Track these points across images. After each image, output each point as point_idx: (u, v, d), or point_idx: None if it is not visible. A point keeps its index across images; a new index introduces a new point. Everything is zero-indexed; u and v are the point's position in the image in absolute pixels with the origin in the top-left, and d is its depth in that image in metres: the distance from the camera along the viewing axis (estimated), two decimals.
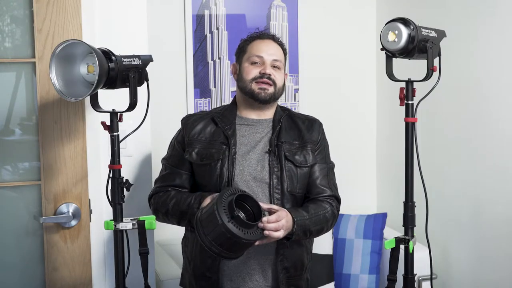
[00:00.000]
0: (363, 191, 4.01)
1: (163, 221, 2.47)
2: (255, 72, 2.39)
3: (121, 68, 2.21)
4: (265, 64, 2.40)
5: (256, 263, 2.38)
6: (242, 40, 2.51)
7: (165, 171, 2.50)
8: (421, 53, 2.39)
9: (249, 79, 2.39)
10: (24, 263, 2.61)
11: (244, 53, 2.45)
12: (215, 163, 2.35)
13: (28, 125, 2.58)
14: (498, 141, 2.97)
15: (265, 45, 2.44)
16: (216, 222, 2.08)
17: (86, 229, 2.61)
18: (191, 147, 2.42)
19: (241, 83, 2.42)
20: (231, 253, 2.15)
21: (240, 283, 2.37)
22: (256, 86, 2.38)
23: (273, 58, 2.41)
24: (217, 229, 2.09)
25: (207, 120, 2.46)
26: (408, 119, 2.44)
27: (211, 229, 2.11)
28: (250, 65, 2.41)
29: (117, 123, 2.27)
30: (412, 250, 2.46)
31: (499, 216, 2.98)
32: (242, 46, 2.48)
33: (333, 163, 2.55)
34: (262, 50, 2.42)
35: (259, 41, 2.45)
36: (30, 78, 2.56)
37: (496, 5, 2.95)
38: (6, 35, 2.54)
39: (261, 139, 2.42)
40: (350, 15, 3.92)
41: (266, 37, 2.47)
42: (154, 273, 2.87)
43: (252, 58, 2.41)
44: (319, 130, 2.52)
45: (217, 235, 2.10)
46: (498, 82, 2.96)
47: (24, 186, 2.58)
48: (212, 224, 2.10)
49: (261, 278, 2.39)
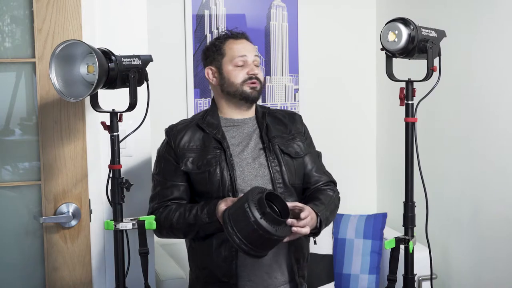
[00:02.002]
0: (363, 191, 4.01)
1: (167, 236, 2.43)
2: (242, 74, 2.38)
3: (121, 68, 2.21)
4: (249, 65, 2.40)
5: (272, 260, 2.37)
6: (213, 42, 2.47)
7: (160, 187, 2.44)
8: (421, 53, 2.39)
9: (240, 82, 2.38)
10: (24, 263, 2.61)
11: (223, 55, 2.41)
12: (214, 169, 2.34)
13: (28, 125, 2.58)
14: (498, 141, 2.97)
15: (243, 45, 2.42)
16: (248, 220, 2.08)
17: (86, 229, 2.61)
18: (184, 157, 2.39)
19: (229, 87, 2.40)
20: (260, 250, 2.15)
21: (259, 282, 2.37)
22: (248, 87, 2.38)
23: (254, 56, 2.42)
24: (249, 226, 2.08)
25: (193, 128, 2.43)
26: (408, 119, 2.44)
27: (242, 227, 2.10)
28: (235, 68, 2.39)
29: (117, 123, 2.27)
30: (412, 250, 2.46)
31: (499, 216, 2.98)
32: (218, 48, 2.43)
33: (320, 153, 2.59)
34: (243, 51, 2.41)
35: (235, 42, 2.43)
36: (30, 78, 2.56)
37: (496, 5, 2.95)
38: (6, 35, 2.54)
39: (251, 137, 2.43)
40: (350, 15, 3.92)
41: (241, 36, 2.45)
42: (154, 273, 2.87)
43: (236, 60, 2.39)
44: (301, 122, 2.55)
45: (248, 232, 2.09)
46: (498, 82, 2.96)
47: (24, 186, 2.58)
48: (243, 222, 2.10)
49: (279, 274, 2.39)
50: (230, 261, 2.32)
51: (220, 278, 2.34)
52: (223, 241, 2.31)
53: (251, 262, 2.34)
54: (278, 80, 3.80)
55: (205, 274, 2.39)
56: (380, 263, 3.45)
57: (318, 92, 3.86)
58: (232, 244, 2.15)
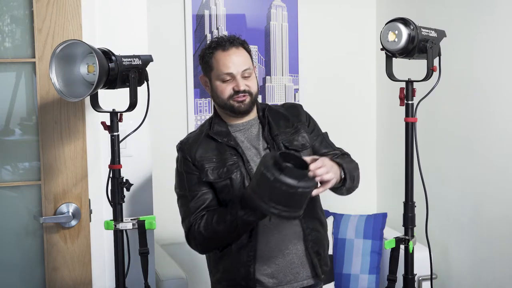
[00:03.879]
0: (363, 191, 3.99)
1: (212, 247, 2.36)
2: (228, 89, 2.32)
3: (121, 68, 2.21)
4: (236, 80, 2.32)
5: (294, 256, 2.37)
6: (203, 52, 2.39)
7: (190, 201, 2.35)
8: (421, 53, 2.39)
9: (225, 98, 2.33)
10: (24, 263, 2.61)
11: (211, 69, 2.35)
12: (236, 175, 2.32)
13: (28, 125, 2.58)
14: (498, 141, 2.97)
15: (230, 57, 2.32)
16: (268, 181, 2.04)
17: (86, 229, 2.61)
18: (203, 169, 2.34)
19: (217, 100, 2.36)
20: (290, 209, 2.09)
21: (282, 279, 2.37)
22: (235, 102, 2.33)
23: (242, 69, 2.32)
24: (271, 186, 2.04)
25: (205, 139, 2.38)
26: (408, 119, 2.44)
27: (265, 190, 2.06)
28: (222, 83, 2.33)
29: (117, 123, 2.27)
30: (412, 250, 2.46)
31: (499, 216, 2.98)
32: (207, 61, 2.36)
33: (326, 132, 2.56)
34: (229, 65, 2.30)
35: (222, 54, 2.33)
36: (30, 78, 2.56)
37: (496, 5, 2.95)
38: (6, 35, 2.54)
39: (258, 139, 2.42)
40: (350, 15, 3.92)
41: (228, 46, 2.33)
42: (154, 273, 2.87)
43: (222, 76, 2.32)
44: (303, 111, 2.53)
45: (271, 192, 2.05)
46: (498, 82, 2.96)
47: (24, 186, 2.58)
48: (264, 185, 2.06)
49: (301, 269, 2.39)
50: (248, 266, 2.32)
51: (239, 281, 2.35)
52: (242, 246, 2.31)
53: (272, 262, 2.33)
54: (278, 80, 3.80)
55: (226, 277, 2.39)
56: (380, 263, 3.45)
57: (318, 92, 3.86)
58: (265, 213, 2.12)
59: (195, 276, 3.41)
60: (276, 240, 2.34)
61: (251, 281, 2.33)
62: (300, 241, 2.38)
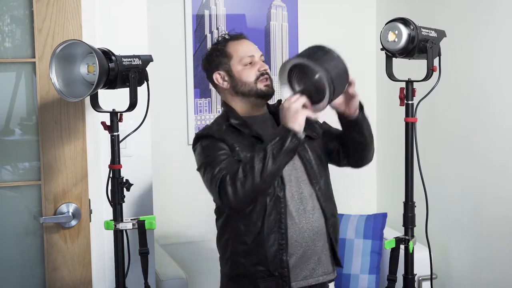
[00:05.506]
0: (363, 191, 4.01)
1: (251, 190, 2.16)
2: (254, 72, 2.36)
3: (121, 68, 2.21)
4: (257, 62, 2.38)
5: (319, 250, 2.37)
6: (214, 47, 2.42)
7: (220, 162, 2.23)
8: (421, 53, 2.39)
9: (252, 80, 2.35)
10: (24, 263, 2.61)
11: (229, 57, 2.38)
12: None
13: (28, 125, 2.58)
14: (498, 141, 2.97)
15: (246, 44, 2.41)
16: (331, 55, 2.13)
17: (86, 229, 2.61)
18: (234, 148, 2.30)
19: (242, 87, 2.37)
20: (337, 85, 2.14)
21: (310, 274, 2.37)
22: (262, 84, 2.36)
23: (259, 54, 2.41)
24: (332, 58, 2.13)
25: (227, 130, 2.35)
26: (408, 119, 2.44)
27: (324, 60, 2.11)
28: (245, 67, 2.37)
29: (117, 123, 2.27)
30: (412, 250, 2.46)
31: (499, 216, 2.98)
32: (223, 51, 2.39)
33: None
34: (249, 48, 2.40)
35: (237, 42, 2.40)
36: (30, 78, 2.56)
37: (496, 5, 2.95)
38: (6, 35, 2.54)
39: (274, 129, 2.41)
40: (350, 15, 3.92)
41: (240, 37, 2.43)
42: (154, 273, 2.88)
43: (245, 60, 2.36)
44: None
45: (330, 64, 2.11)
46: (498, 82, 2.96)
47: (24, 186, 2.58)
48: (324, 57, 2.12)
49: (325, 261, 2.40)
50: (281, 255, 2.30)
51: (272, 272, 2.31)
52: (275, 240, 2.29)
53: (300, 253, 2.33)
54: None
55: (257, 270, 2.33)
56: (380, 263, 3.45)
57: None
58: (317, 80, 2.14)
59: (195, 276, 3.41)
60: (305, 228, 2.33)
61: (285, 270, 2.31)
62: (323, 229, 2.37)
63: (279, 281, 2.31)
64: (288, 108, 2.17)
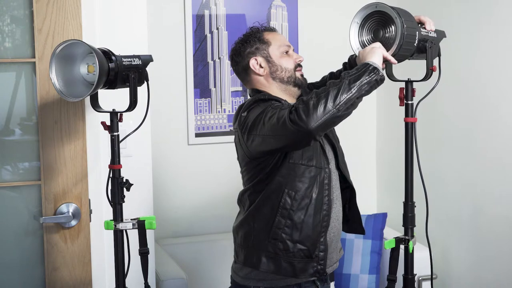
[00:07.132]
0: (363, 191, 4.00)
1: (328, 110, 2.06)
2: (292, 61, 2.41)
3: (121, 68, 2.21)
4: (293, 53, 2.44)
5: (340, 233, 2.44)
6: (251, 33, 2.42)
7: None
8: (420, 53, 2.39)
9: (292, 68, 2.40)
10: (24, 263, 2.61)
11: (268, 44, 2.40)
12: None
13: (28, 125, 2.58)
14: (498, 141, 2.97)
15: (281, 35, 2.49)
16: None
17: (86, 229, 2.61)
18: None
19: (282, 73, 2.38)
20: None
21: (334, 256, 2.42)
22: (298, 73, 2.43)
23: (291, 46, 2.47)
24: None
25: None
26: (408, 119, 2.44)
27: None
28: (284, 55, 2.41)
29: (117, 123, 2.27)
30: (412, 250, 2.46)
31: (499, 216, 2.99)
32: (261, 39, 2.40)
33: None
34: (285, 40, 2.48)
35: (273, 33, 2.46)
36: (30, 78, 2.56)
37: (496, 5, 2.95)
38: (6, 35, 2.54)
39: None
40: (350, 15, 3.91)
41: (274, 30, 2.49)
42: (154, 273, 2.88)
43: (283, 48, 2.41)
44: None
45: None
46: (498, 82, 2.96)
47: (24, 186, 2.58)
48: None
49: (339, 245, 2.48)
50: (323, 237, 2.31)
51: (311, 253, 2.31)
52: (319, 221, 2.29)
53: (335, 238, 2.39)
54: None
55: (297, 248, 2.31)
56: (380, 263, 3.45)
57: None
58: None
59: (195, 276, 3.41)
60: (338, 209, 2.40)
61: (325, 250, 2.32)
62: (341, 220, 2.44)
63: (314, 264, 2.32)
64: (364, 48, 2.28)
